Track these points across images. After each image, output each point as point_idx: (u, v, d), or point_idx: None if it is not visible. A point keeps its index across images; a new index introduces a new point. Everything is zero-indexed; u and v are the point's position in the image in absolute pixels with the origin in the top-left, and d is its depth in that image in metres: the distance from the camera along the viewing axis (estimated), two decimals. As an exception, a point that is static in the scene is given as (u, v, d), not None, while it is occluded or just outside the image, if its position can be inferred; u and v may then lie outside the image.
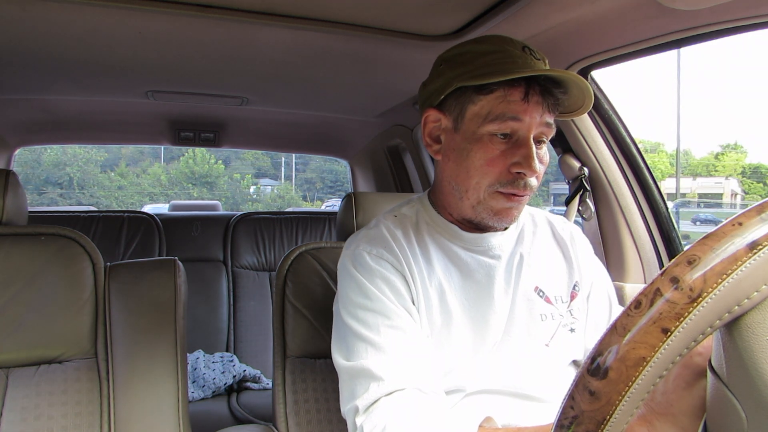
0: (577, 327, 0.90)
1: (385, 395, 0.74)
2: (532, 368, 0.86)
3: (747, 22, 0.93)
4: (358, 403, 0.75)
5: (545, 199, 15.63)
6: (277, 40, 1.25)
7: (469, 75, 0.81)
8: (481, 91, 0.81)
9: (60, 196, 20.68)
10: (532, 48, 0.84)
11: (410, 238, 0.89)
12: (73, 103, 1.92)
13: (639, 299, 0.34)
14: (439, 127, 0.88)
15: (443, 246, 0.90)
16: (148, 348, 1.09)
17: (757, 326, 0.33)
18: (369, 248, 0.87)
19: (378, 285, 0.83)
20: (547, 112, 0.82)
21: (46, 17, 1.11)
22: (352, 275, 0.85)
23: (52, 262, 1.07)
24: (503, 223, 0.87)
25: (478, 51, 0.83)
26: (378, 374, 0.75)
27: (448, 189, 0.89)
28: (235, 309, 2.24)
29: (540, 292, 0.90)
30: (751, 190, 20.75)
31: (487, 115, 0.81)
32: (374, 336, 0.79)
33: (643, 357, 0.33)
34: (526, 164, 0.80)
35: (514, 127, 0.81)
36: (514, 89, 0.79)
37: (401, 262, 0.85)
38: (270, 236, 2.36)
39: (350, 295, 0.85)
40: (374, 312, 0.81)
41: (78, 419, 1.00)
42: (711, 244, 0.32)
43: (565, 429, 0.36)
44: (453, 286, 0.87)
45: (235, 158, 25.10)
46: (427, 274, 0.86)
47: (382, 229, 0.90)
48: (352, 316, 0.83)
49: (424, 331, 0.83)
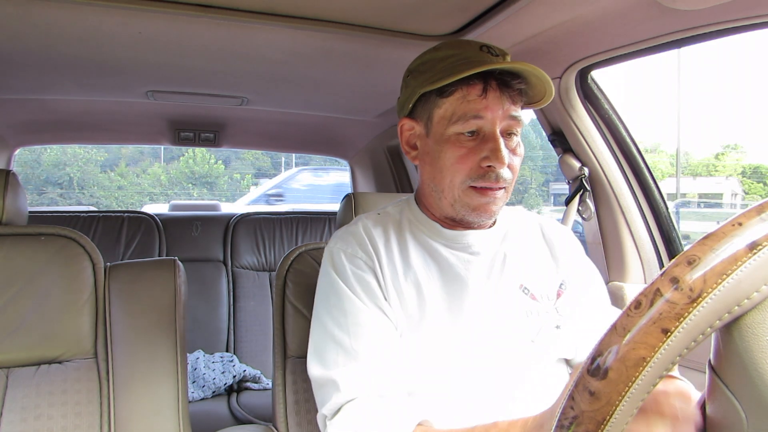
0: (563, 325, 0.91)
1: (347, 402, 0.79)
2: (518, 363, 0.87)
3: (747, 22, 0.93)
4: (324, 411, 0.81)
5: (545, 199, 15.61)
6: (277, 40, 1.25)
7: (429, 81, 0.86)
8: (442, 95, 0.86)
9: (60, 196, 20.65)
10: (491, 46, 0.88)
11: (389, 234, 0.93)
12: (73, 103, 1.92)
13: (639, 299, 0.34)
14: (414, 134, 0.93)
15: (423, 242, 0.93)
16: (148, 348, 1.09)
17: (757, 326, 0.33)
18: (344, 246, 0.91)
19: (351, 284, 0.87)
20: (510, 105, 0.85)
21: (46, 17, 1.11)
22: (329, 274, 0.90)
23: (52, 262, 1.07)
24: (483, 218, 0.90)
25: (437, 57, 0.88)
26: (341, 383, 0.80)
27: (428, 190, 0.93)
28: (235, 309, 2.24)
29: (525, 289, 0.92)
30: (751, 190, 20.73)
31: (451, 116, 0.85)
32: (344, 337, 0.83)
33: (643, 357, 0.33)
34: (494, 157, 0.83)
35: (478, 125, 0.84)
36: (472, 87, 0.83)
37: (373, 260, 0.89)
38: (270, 236, 2.36)
39: (326, 294, 0.89)
40: (345, 312, 0.85)
41: (78, 419, 1.00)
42: (711, 244, 0.32)
43: (565, 429, 0.36)
44: (431, 280, 0.89)
45: (235, 158, 25.06)
46: (403, 268, 0.89)
47: (359, 226, 0.94)
48: (326, 316, 0.87)
49: (400, 323, 0.86)
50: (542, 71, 0.84)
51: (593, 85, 1.34)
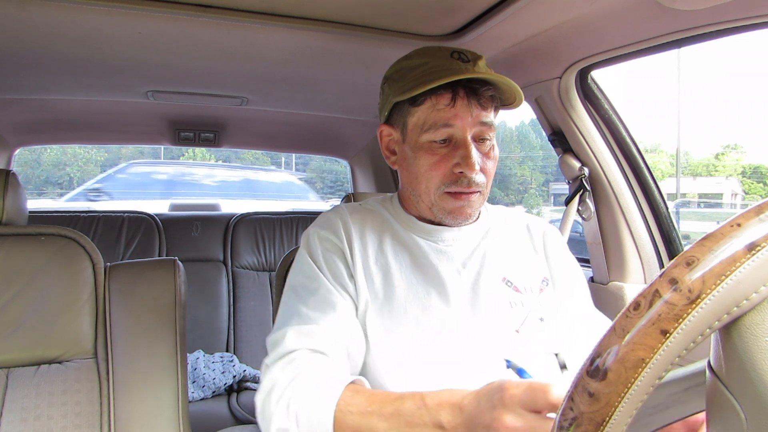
0: (547, 318, 0.92)
1: (288, 353, 0.82)
2: (503, 353, 0.87)
3: (747, 22, 0.93)
4: (267, 360, 0.84)
5: (545, 199, 15.60)
6: (277, 40, 1.26)
7: (401, 90, 0.89)
8: (413, 104, 0.88)
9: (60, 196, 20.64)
10: (462, 51, 0.89)
11: (365, 222, 0.97)
12: (73, 103, 1.92)
13: (638, 300, 0.34)
14: (392, 140, 0.96)
15: (399, 231, 0.96)
16: (148, 348, 1.09)
17: (756, 327, 0.32)
18: (318, 230, 0.95)
19: (319, 263, 0.92)
20: (480, 111, 0.87)
21: (46, 17, 1.11)
22: (301, 254, 0.95)
23: (52, 262, 1.07)
24: (459, 221, 0.93)
25: (408, 66, 0.90)
26: (287, 338, 0.83)
27: (407, 194, 0.97)
28: (235, 309, 2.24)
29: (508, 282, 0.94)
30: (751, 190, 20.74)
31: (423, 125, 0.88)
32: (301, 306, 0.88)
33: (642, 358, 0.33)
34: (464, 164, 0.86)
35: (448, 132, 0.87)
36: (440, 96, 0.86)
37: (343, 242, 0.93)
38: (270, 236, 2.36)
39: (295, 271, 0.95)
40: (308, 288, 0.90)
41: (78, 419, 1.00)
42: (710, 245, 0.32)
43: (564, 430, 0.36)
44: (402, 266, 0.92)
45: (235, 158, 25.06)
46: (375, 253, 0.93)
47: (337, 213, 0.98)
48: (291, 291, 0.92)
49: (369, 307, 0.88)
50: (508, 79, 0.86)
51: (593, 85, 1.34)
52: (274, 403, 0.75)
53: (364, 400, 0.71)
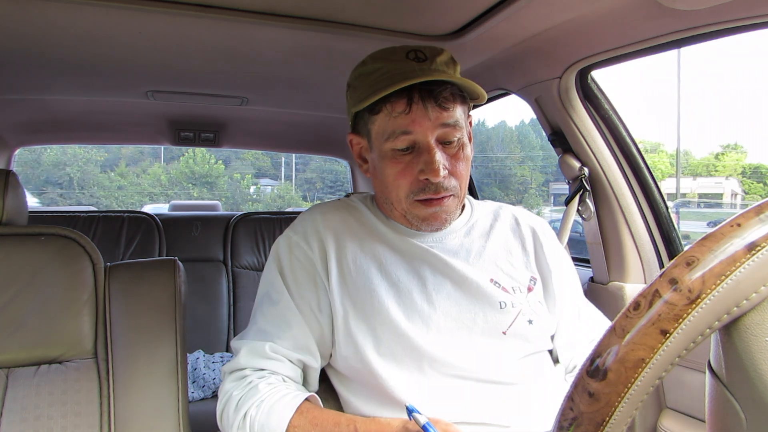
0: (536, 319, 0.90)
1: (239, 369, 0.87)
2: (489, 354, 0.86)
3: (747, 22, 0.93)
4: (225, 368, 0.90)
5: (545, 199, 15.60)
6: (277, 40, 1.26)
7: (358, 99, 0.86)
8: (372, 113, 0.85)
9: (60, 196, 20.70)
10: (419, 50, 0.86)
11: (344, 220, 0.94)
12: (73, 103, 1.92)
13: (638, 300, 0.34)
14: (362, 147, 0.94)
15: (379, 229, 0.94)
16: (148, 348, 1.09)
17: (755, 327, 0.33)
18: (291, 234, 0.93)
19: (284, 273, 0.90)
20: (440, 113, 0.83)
21: (46, 17, 1.11)
22: (270, 262, 0.94)
23: (52, 262, 1.07)
24: (435, 226, 0.91)
25: (365, 72, 0.87)
26: (242, 353, 0.87)
27: (381, 201, 0.95)
28: (235, 309, 2.24)
29: (495, 283, 0.91)
30: (751, 190, 20.74)
31: (383, 133, 0.85)
32: (261, 318, 0.90)
33: (642, 358, 0.33)
34: (428, 170, 0.83)
35: (410, 139, 0.84)
36: (395, 103, 0.82)
37: (314, 249, 0.90)
38: (270, 236, 2.35)
39: (264, 276, 0.94)
40: (271, 298, 0.90)
41: (78, 419, 1.00)
42: (710, 245, 0.32)
43: (564, 430, 0.36)
44: (383, 264, 0.90)
45: (235, 158, 25.12)
46: (352, 252, 0.90)
47: (311, 213, 0.96)
48: (259, 294, 0.93)
49: (339, 307, 0.88)
50: (464, 78, 0.83)
51: (593, 85, 1.34)
52: (232, 414, 0.83)
53: (307, 423, 0.79)
